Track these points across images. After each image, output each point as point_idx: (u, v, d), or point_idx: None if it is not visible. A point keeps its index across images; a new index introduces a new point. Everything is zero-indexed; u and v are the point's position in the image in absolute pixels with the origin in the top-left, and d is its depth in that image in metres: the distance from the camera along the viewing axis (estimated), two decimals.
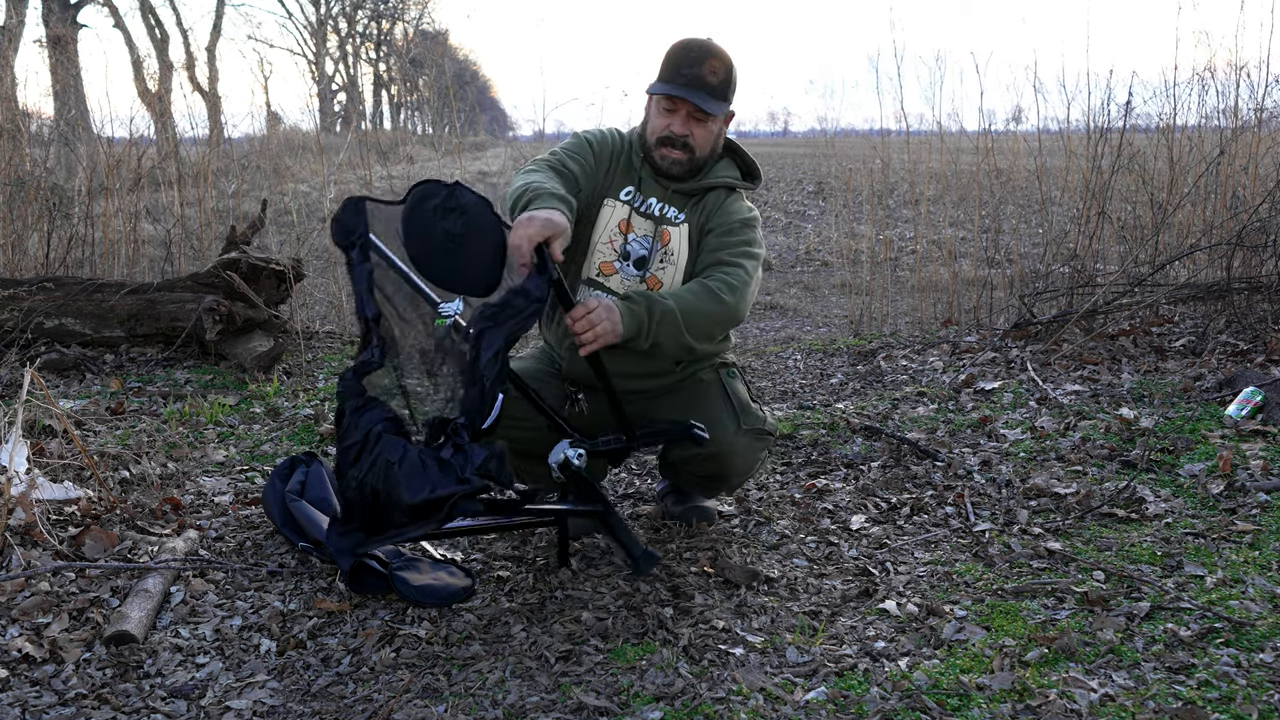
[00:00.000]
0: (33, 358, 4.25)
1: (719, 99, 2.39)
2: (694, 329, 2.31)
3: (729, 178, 2.51)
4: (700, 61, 2.36)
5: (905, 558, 2.53)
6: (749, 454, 2.54)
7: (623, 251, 2.47)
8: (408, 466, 1.95)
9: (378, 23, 38.06)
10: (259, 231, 5.01)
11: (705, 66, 2.35)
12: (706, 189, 2.49)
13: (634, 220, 2.46)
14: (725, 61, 2.38)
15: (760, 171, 2.58)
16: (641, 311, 2.23)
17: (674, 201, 2.48)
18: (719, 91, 2.38)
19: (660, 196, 2.47)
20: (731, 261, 2.41)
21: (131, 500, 2.80)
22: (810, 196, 13.91)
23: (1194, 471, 2.96)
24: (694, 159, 2.43)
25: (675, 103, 2.39)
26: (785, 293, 7.63)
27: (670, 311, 2.26)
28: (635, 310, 2.23)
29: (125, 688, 1.96)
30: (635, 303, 2.24)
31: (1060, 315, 4.84)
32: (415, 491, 1.94)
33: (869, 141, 7.14)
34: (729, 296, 2.35)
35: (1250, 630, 2.07)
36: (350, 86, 34.86)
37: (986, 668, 1.97)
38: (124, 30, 24.18)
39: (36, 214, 5.65)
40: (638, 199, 2.47)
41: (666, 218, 2.47)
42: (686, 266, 2.47)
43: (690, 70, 2.36)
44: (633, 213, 2.46)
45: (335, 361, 4.68)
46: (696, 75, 2.35)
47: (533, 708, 1.87)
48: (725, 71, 2.38)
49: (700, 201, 2.49)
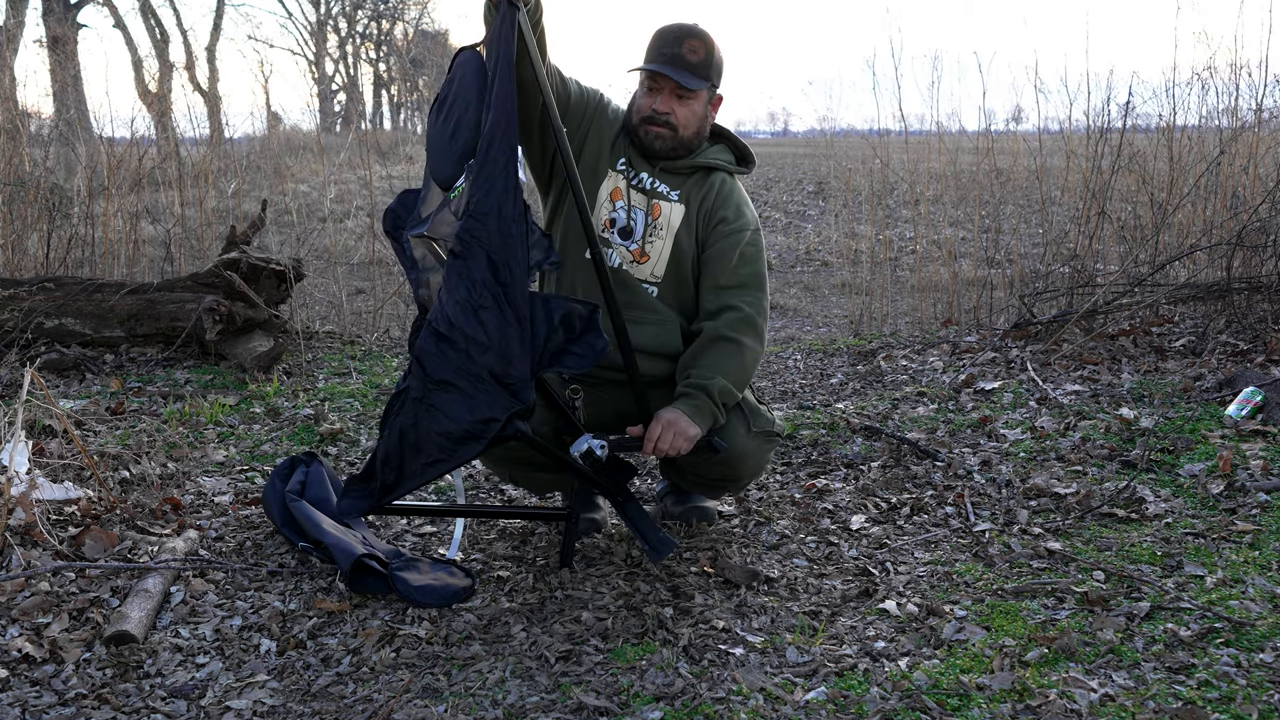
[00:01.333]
0: (33, 358, 4.25)
1: (700, 77, 2.40)
2: (741, 383, 2.45)
3: (724, 161, 2.54)
4: (680, 41, 2.39)
5: (905, 558, 2.53)
6: (759, 456, 2.57)
7: (611, 218, 2.50)
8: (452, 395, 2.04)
9: (378, 23, 38.04)
10: (259, 231, 5.01)
11: (685, 45, 2.39)
12: (704, 168, 2.52)
13: (630, 194, 2.49)
14: (706, 41, 2.41)
15: (754, 157, 2.63)
16: (704, 403, 2.36)
17: (665, 179, 2.51)
18: (699, 69, 2.40)
19: (650, 173, 2.50)
20: (752, 283, 2.50)
21: (131, 500, 2.80)
22: (810, 196, 13.90)
23: (1194, 471, 2.97)
24: (677, 136, 2.45)
25: (657, 80, 2.42)
26: (785, 293, 7.64)
27: (726, 389, 2.39)
28: (700, 405, 2.35)
29: (125, 688, 1.96)
30: (696, 398, 2.36)
31: (1060, 315, 4.84)
32: (459, 418, 2.02)
33: (869, 142, 7.13)
34: (754, 342, 2.46)
35: (1250, 630, 2.07)
36: (350, 86, 34.87)
37: (986, 668, 1.97)
38: (124, 30, 24.21)
39: (36, 214, 5.65)
40: (630, 172, 2.50)
41: (658, 192, 2.50)
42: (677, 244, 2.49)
43: (670, 49, 2.40)
44: (628, 185, 2.49)
45: (335, 361, 4.68)
46: (676, 54, 2.39)
47: (533, 708, 1.87)
48: (705, 51, 2.40)
49: (699, 182, 2.52)
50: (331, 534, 2.45)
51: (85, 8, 20.89)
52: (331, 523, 2.53)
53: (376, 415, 3.83)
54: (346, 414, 3.85)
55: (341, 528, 2.53)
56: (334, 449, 3.47)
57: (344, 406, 3.95)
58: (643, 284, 2.49)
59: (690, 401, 2.35)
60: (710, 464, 2.49)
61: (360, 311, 5.87)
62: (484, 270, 2.00)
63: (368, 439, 3.57)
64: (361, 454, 3.43)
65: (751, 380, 2.56)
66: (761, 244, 2.56)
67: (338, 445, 3.51)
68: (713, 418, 2.37)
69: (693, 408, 2.34)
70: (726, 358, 2.42)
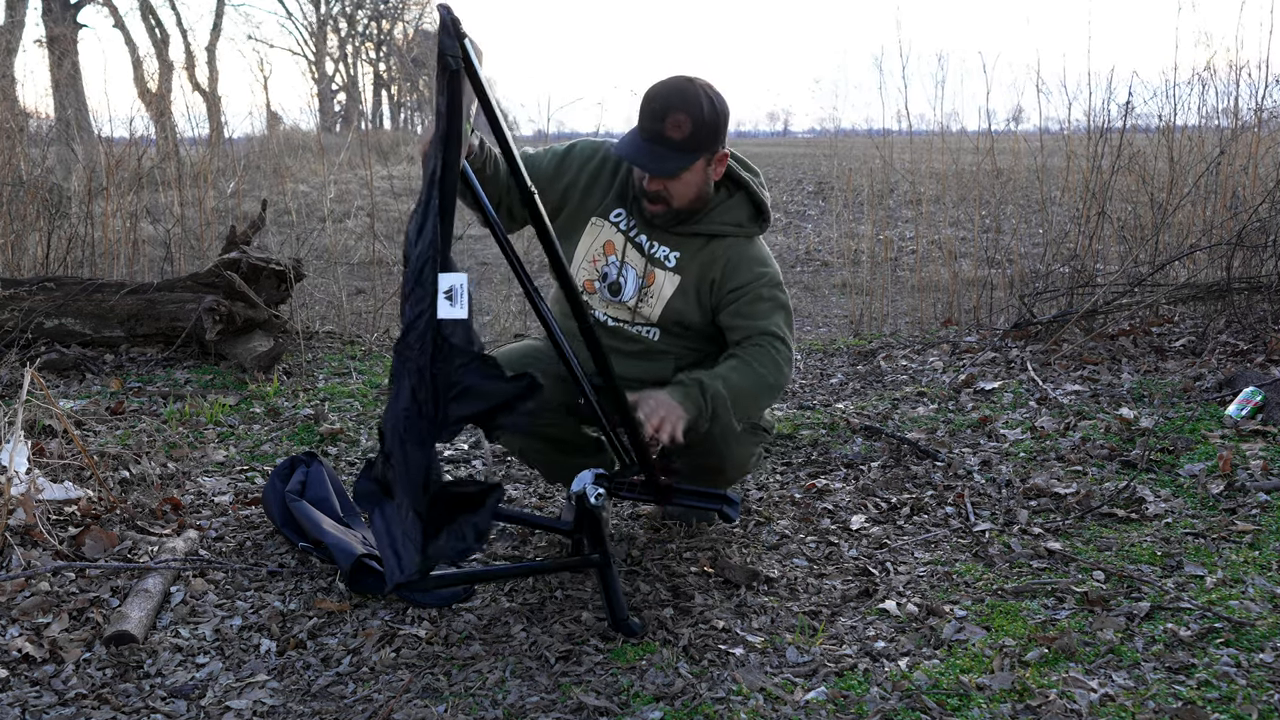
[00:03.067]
0: (33, 358, 4.25)
1: (685, 152, 2.24)
2: (740, 398, 2.32)
3: (732, 225, 2.41)
4: (662, 117, 2.21)
5: (905, 558, 2.53)
6: (744, 449, 2.49)
7: (602, 273, 2.43)
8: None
9: (378, 23, 38.04)
10: (259, 231, 5.01)
11: (667, 122, 2.21)
12: (708, 235, 2.41)
13: (626, 250, 2.41)
14: (693, 110, 2.21)
15: (769, 211, 2.48)
16: (696, 394, 2.25)
17: (666, 241, 2.41)
18: (685, 145, 2.23)
19: (650, 234, 2.42)
20: (770, 331, 2.38)
21: (131, 500, 2.80)
22: (810, 196, 13.90)
23: (1194, 471, 2.96)
24: (674, 211, 2.36)
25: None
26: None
27: (720, 395, 2.27)
28: (690, 393, 2.24)
29: (125, 688, 1.96)
30: (688, 386, 2.25)
31: (1060, 315, 4.84)
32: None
33: (870, 141, 7.13)
34: (773, 376, 2.36)
35: (1250, 630, 2.07)
36: (350, 86, 34.88)
37: (986, 668, 1.97)
38: (124, 30, 24.19)
39: (35, 214, 5.65)
40: (630, 226, 2.41)
41: (656, 258, 2.41)
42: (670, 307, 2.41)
43: (652, 126, 2.23)
44: (626, 241, 2.41)
45: (335, 361, 4.68)
46: (658, 132, 2.22)
47: (533, 708, 1.87)
48: (692, 123, 2.21)
49: (706, 249, 2.41)
50: (331, 534, 2.45)
51: (85, 8, 20.90)
52: (331, 523, 2.53)
53: (376, 415, 3.83)
54: (346, 414, 3.85)
55: (341, 528, 2.54)
56: (334, 449, 3.47)
57: (344, 406, 3.95)
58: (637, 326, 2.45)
59: (680, 389, 2.26)
60: (695, 450, 2.41)
61: (360, 311, 5.86)
62: (407, 397, 1.79)
63: (367, 439, 3.57)
64: (361, 454, 3.43)
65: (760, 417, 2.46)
66: (780, 298, 2.42)
67: (338, 445, 3.51)
68: (698, 410, 2.24)
69: (683, 394, 2.24)
70: (732, 370, 2.33)
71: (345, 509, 2.70)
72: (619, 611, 2.15)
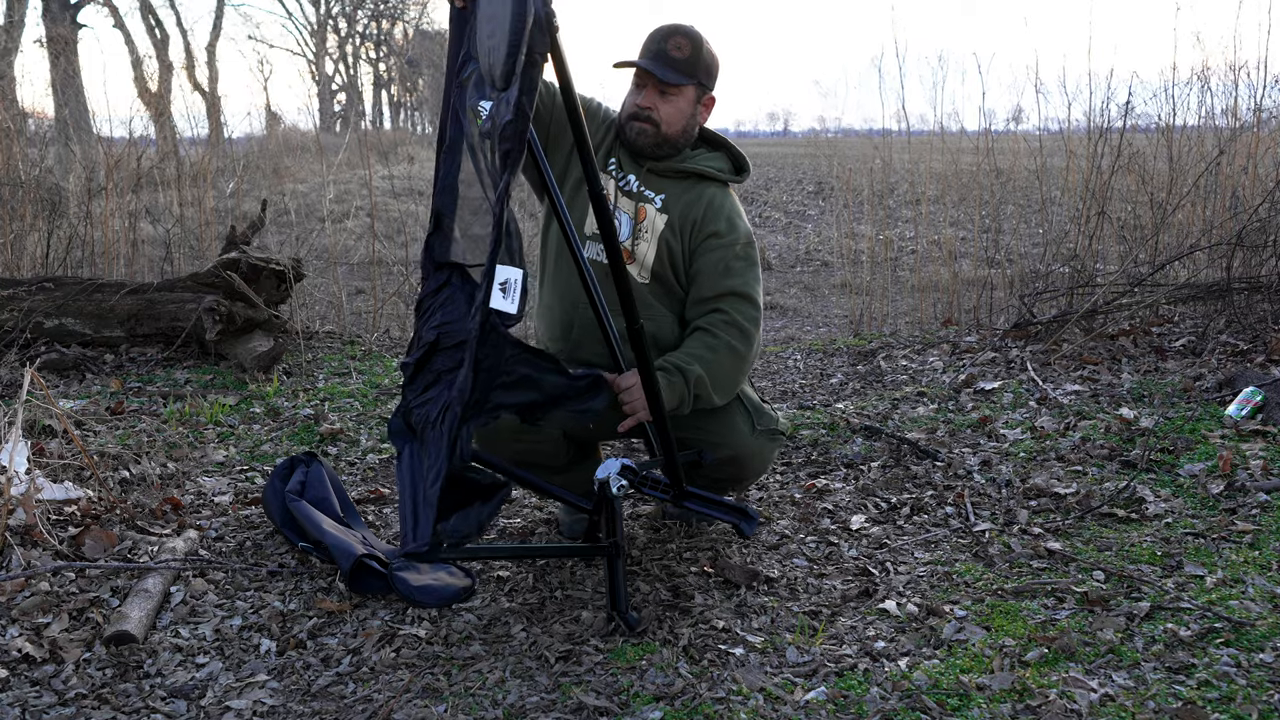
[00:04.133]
0: (33, 358, 4.25)
1: (682, 73, 2.40)
2: (719, 379, 2.40)
3: (713, 168, 2.52)
4: (666, 38, 2.41)
5: (905, 558, 2.53)
6: (765, 454, 2.57)
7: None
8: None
9: (378, 23, 38.05)
10: (259, 231, 5.02)
11: (670, 42, 2.40)
12: (689, 174, 2.50)
13: (617, 196, 2.49)
14: (693, 39, 2.42)
15: (749, 165, 2.60)
16: (679, 382, 2.32)
17: (650, 183, 2.50)
18: (683, 66, 2.40)
19: (637, 175, 2.50)
20: (739, 292, 2.45)
21: (131, 500, 2.80)
22: (810, 196, 13.91)
23: (1194, 471, 2.97)
24: (660, 133, 2.45)
25: (641, 77, 2.44)
26: (785, 293, 7.64)
27: (700, 378, 2.35)
28: (674, 382, 2.31)
29: (125, 688, 1.96)
30: (671, 374, 2.32)
31: (1060, 315, 4.84)
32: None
33: (872, 141, 7.14)
34: (738, 343, 2.42)
35: (1250, 630, 2.07)
36: (350, 86, 34.88)
37: (986, 668, 1.97)
38: (124, 30, 24.23)
39: (35, 214, 5.65)
40: (620, 173, 2.51)
41: (644, 195, 2.49)
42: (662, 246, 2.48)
43: (655, 46, 2.41)
44: (616, 188, 2.50)
45: (335, 361, 4.68)
46: (661, 50, 2.41)
47: (533, 708, 1.87)
48: (692, 48, 2.41)
49: (685, 190, 2.49)
50: (331, 534, 2.45)
51: (85, 8, 20.87)
52: (331, 523, 2.53)
53: (376, 415, 3.83)
54: (346, 414, 3.84)
55: (341, 528, 2.54)
56: (334, 449, 3.47)
57: (344, 406, 3.95)
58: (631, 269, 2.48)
59: (666, 376, 2.30)
60: (716, 463, 2.49)
61: (360, 311, 5.87)
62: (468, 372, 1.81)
63: (367, 439, 3.57)
64: (361, 454, 3.43)
65: (740, 387, 2.51)
66: (753, 256, 2.51)
67: (338, 445, 3.51)
68: (680, 400, 2.33)
69: (666, 382, 2.29)
70: (705, 349, 2.39)
71: (345, 509, 2.70)
72: (620, 603, 2.17)
